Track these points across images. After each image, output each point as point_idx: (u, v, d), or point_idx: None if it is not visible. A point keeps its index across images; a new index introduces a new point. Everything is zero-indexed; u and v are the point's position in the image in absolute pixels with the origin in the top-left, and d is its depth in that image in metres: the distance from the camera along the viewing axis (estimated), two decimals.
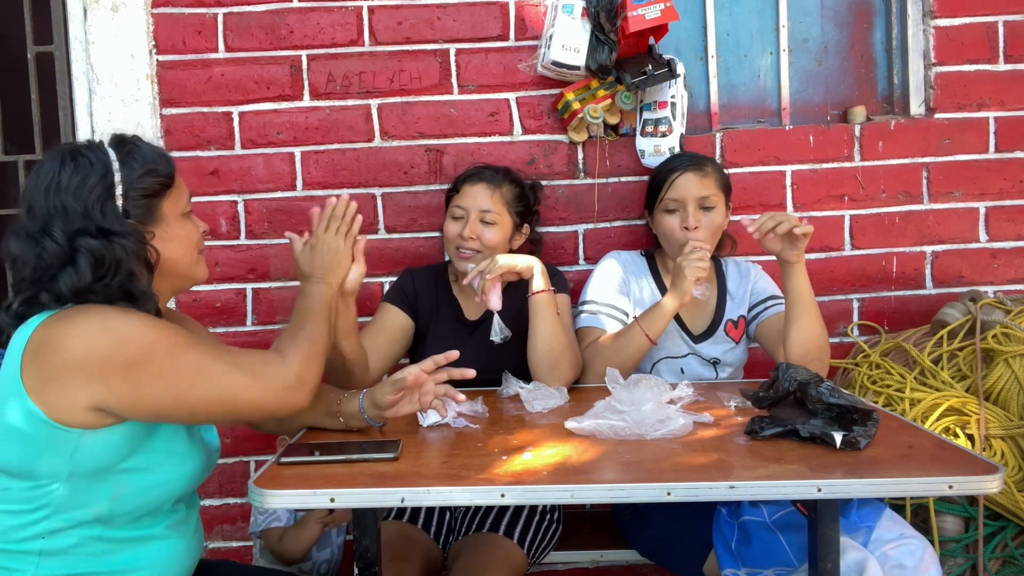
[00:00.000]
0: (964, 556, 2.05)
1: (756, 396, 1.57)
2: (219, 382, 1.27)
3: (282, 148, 2.39)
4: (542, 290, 1.90)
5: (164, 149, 1.41)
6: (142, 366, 1.20)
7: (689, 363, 2.07)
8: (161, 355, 1.22)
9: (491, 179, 2.04)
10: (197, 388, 1.25)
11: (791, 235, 1.80)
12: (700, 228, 1.98)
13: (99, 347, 1.18)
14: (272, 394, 1.32)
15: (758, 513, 1.62)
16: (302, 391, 1.36)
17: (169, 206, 1.34)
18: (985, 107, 2.42)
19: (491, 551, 1.77)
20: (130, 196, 1.28)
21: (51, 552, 1.22)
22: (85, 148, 1.29)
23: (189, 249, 1.38)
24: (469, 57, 2.39)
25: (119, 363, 1.19)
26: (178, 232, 1.36)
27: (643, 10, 2.16)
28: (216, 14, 2.36)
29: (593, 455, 1.38)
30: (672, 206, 2.01)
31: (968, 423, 2.02)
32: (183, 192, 1.39)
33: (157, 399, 1.22)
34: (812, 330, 1.85)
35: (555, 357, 1.89)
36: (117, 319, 1.21)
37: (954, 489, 1.23)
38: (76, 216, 1.24)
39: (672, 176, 2.02)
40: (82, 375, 1.18)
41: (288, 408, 1.36)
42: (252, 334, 2.41)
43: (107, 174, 1.26)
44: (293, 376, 1.34)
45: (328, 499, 1.23)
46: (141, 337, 1.21)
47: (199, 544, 1.42)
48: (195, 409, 1.28)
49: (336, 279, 1.57)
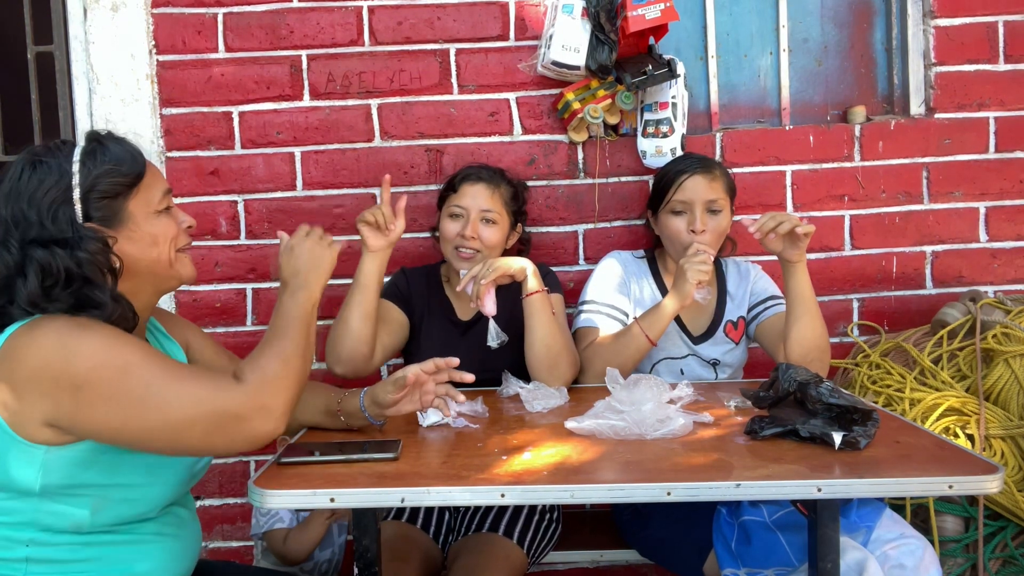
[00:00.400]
0: (964, 556, 2.05)
1: (756, 396, 1.57)
2: (165, 412, 1.17)
3: (282, 148, 2.39)
4: (536, 291, 1.91)
5: (135, 146, 1.33)
6: (90, 386, 1.14)
7: (689, 364, 2.07)
8: (109, 376, 1.15)
9: (489, 179, 2.04)
10: (142, 415, 1.16)
11: (792, 235, 1.80)
12: (707, 232, 1.98)
13: (51, 362, 1.14)
14: (220, 431, 1.19)
15: (758, 513, 1.62)
16: (262, 421, 1.21)
17: (137, 205, 1.28)
18: (985, 107, 2.42)
19: (491, 551, 1.77)
20: (90, 199, 1.23)
21: (38, 559, 1.21)
22: (49, 152, 1.25)
23: (164, 248, 1.31)
24: (469, 57, 2.39)
25: (67, 381, 1.14)
26: (149, 231, 1.29)
27: (643, 10, 2.16)
28: (216, 14, 2.36)
29: (593, 455, 1.38)
30: (680, 208, 2.01)
31: (968, 423, 2.02)
32: (155, 189, 1.32)
33: (102, 423, 1.16)
34: (813, 330, 1.85)
35: (553, 357, 1.89)
36: (73, 334, 1.16)
37: (954, 489, 1.23)
38: (31, 225, 1.20)
39: (681, 178, 2.01)
40: (36, 390, 1.15)
41: (243, 443, 1.22)
42: (252, 334, 2.41)
43: (63, 177, 1.22)
44: (250, 405, 1.20)
45: (328, 499, 1.23)
46: (91, 355, 1.15)
47: (196, 544, 1.41)
48: (139, 439, 1.18)
49: (319, 281, 1.40)
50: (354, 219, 2.37)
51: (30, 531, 1.20)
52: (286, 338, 1.30)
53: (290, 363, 1.27)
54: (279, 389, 1.24)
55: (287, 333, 1.31)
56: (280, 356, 1.27)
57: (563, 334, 1.94)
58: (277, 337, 1.30)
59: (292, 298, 1.36)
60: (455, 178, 2.07)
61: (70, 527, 1.21)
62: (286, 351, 1.28)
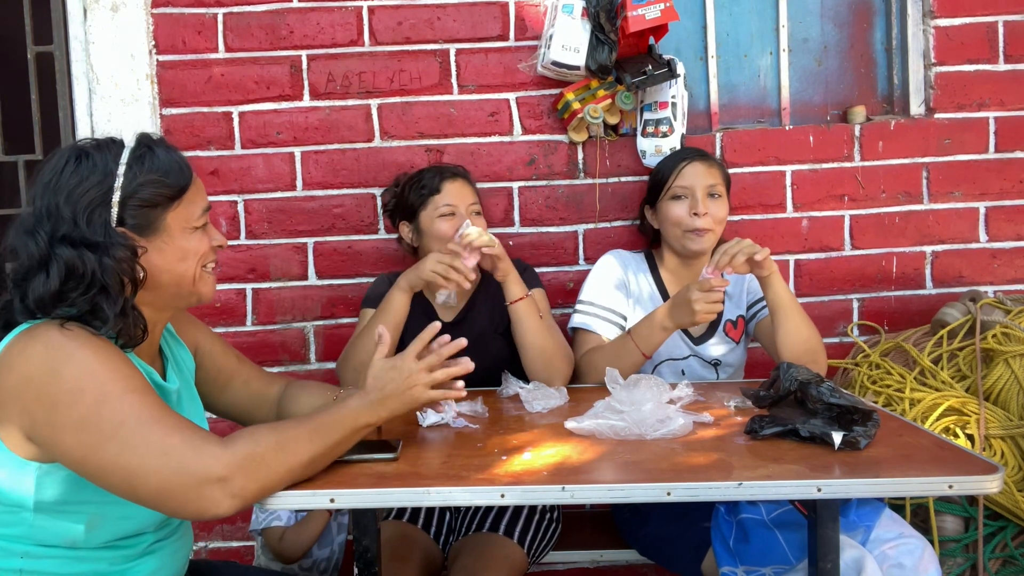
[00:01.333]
0: (964, 556, 2.05)
1: (756, 395, 1.57)
2: (130, 452, 1.10)
3: (282, 148, 2.39)
4: (520, 297, 1.92)
5: (184, 158, 1.29)
6: (64, 408, 1.10)
7: (690, 365, 2.07)
8: (84, 403, 1.10)
9: (464, 175, 2.08)
10: (106, 451, 1.10)
11: (752, 260, 1.80)
12: (708, 215, 1.99)
13: (35, 376, 1.11)
14: (174, 491, 1.10)
15: (756, 511, 1.62)
16: (220, 493, 1.11)
17: (175, 218, 1.25)
18: (985, 107, 2.42)
19: (491, 551, 1.77)
20: (128, 204, 1.20)
21: (32, 571, 1.19)
22: (96, 147, 1.23)
23: (191, 264, 1.28)
24: (469, 57, 2.39)
25: (47, 398, 1.11)
26: (182, 245, 1.27)
27: (643, 10, 2.16)
28: (216, 14, 2.36)
29: (593, 455, 1.38)
30: (680, 192, 2.02)
31: (968, 423, 2.02)
32: (197, 205, 1.29)
33: (67, 448, 1.11)
34: (799, 333, 1.85)
35: (547, 359, 1.91)
36: (64, 350, 1.12)
37: (954, 489, 1.23)
38: (64, 221, 1.17)
39: (680, 165, 2.04)
40: (19, 402, 1.12)
41: (193, 512, 1.12)
42: (252, 334, 2.41)
43: (106, 178, 1.20)
44: (219, 470, 1.11)
45: (328, 499, 1.23)
46: (73, 378, 1.11)
47: (189, 542, 1.40)
48: (95, 474, 1.12)
49: (392, 412, 1.30)
50: (354, 219, 2.39)
51: (24, 544, 1.19)
52: (316, 441, 1.22)
53: (289, 463, 1.18)
54: (258, 476, 1.14)
55: (318, 434, 1.22)
56: (289, 450, 1.18)
57: (553, 334, 1.94)
58: (308, 432, 1.22)
59: (357, 406, 1.28)
60: (430, 179, 2.04)
61: (64, 543, 1.19)
62: (299, 451, 1.19)
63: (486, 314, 2.05)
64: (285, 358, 2.42)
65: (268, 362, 2.40)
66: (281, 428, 1.21)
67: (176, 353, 1.46)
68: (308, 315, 2.41)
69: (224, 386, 1.56)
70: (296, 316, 2.41)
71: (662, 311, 1.89)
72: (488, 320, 2.04)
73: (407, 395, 1.31)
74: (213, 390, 1.55)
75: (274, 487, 1.18)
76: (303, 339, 2.42)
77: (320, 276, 2.41)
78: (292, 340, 2.42)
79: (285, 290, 2.41)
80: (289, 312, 2.41)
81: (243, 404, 1.58)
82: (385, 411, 1.30)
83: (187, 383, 1.45)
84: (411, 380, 1.31)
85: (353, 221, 2.40)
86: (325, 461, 1.25)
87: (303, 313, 2.41)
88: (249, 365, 1.61)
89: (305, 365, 2.42)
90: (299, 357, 2.42)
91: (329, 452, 1.25)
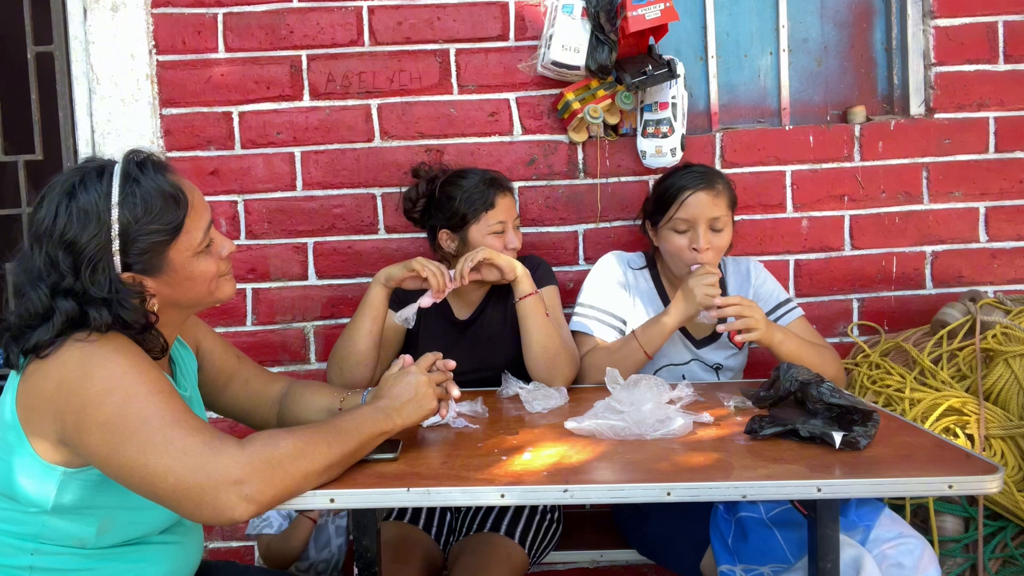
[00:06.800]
0: (964, 556, 2.05)
1: (756, 395, 1.57)
2: (151, 450, 1.11)
3: (282, 148, 2.39)
4: (529, 294, 1.92)
5: (176, 182, 1.24)
6: (92, 409, 1.12)
7: (692, 369, 2.07)
8: (112, 403, 1.12)
9: (511, 188, 2.07)
10: (128, 449, 1.11)
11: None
12: (710, 250, 1.95)
13: (69, 379, 1.13)
14: (191, 492, 1.10)
15: (755, 510, 1.62)
16: (238, 498, 1.11)
17: (177, 253, 1.24)
18: (985, 107, 2.42)
19: (492, 551, 1.77)
20: (129, 251, 1.19)
21: (42, 568, 1.21)
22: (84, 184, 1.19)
23: (204, 285, 1.29)
24: (469, 57, 2.39)
25: (77, 400, 1.12)
26: (189, 274, 1.26)
27: (643, 10, 2.16)
28: (216, 14, 2.36)
29: (593, 455, 1.38)
30: (682, 227, 1.96)
31: (968, 423, 2.02)
32: (198, 230, 1.26)
33: (94, 448, 1.13)
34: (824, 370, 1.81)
35: (551, 358, 1.90)
36: (98, 354, 1.15)
37: (954, 489, 1.23)
38: (65, 275, 1.16)
39: (684, 194, 1.95)
40: (52, 407, 1.14)
41: (212, 511, 1.11)
42: (252, 334, 2.41)
43: (101, 229, 1.17)
44: (236, 472, 1.11)
45: (328, 499, 1.23)
46: (105, 379, 1.13)
47: (199, 546, 1.41)
48: (118, 473, 1.13)
49: (407, 420, 1.35)
50: (354, 219, 2.39)
51: (35, 542, 1.21)
52: (333, 443, 1.22)
53: (307, 468, 1.18)
54: (274, 480, 1.14)
55: (337, 440, 1.23)
56: (305, 454, 1.18)
57: (560, 333, 1.94)
58: (326, 435, 1.23)
59: (373, 414, 1.31)
60: (486, 193, 1.99)
61: (73, 543, 1.21)
62: (317, 456, 1.20)
63: (500, 313, 2.05)
64: (285, 358, 2.42)
65: (268, 362, 2.40)
66: (300, 433, 1.21)
67: (183, 358, 1.46)
68: (308, 315, 2.41)
69: (224, 385, 1.57)
70: (296, 316, 2.41)
71: (667, 309, 1.91)
72: (502, 319, 2.04)
73: (421, 406, 1.38)
74: (213, 389, 1.56)
75: (290, 493, 1.18)
76: (303, 339, 2.42)
77: (320, 276, 2.41)
78: (292, 340, 2.42)
79: (285, 290, 2.41)
80: (289, 312, 2.41)
81: (243, 403, 1.59)
82: (400, 419, 1.35)
83: (193, 387, 1.47)
84: (427, 393, 1.39)
85: (353, 221, 2.40)
86: (340, 468, 1.26)
87: (303, 313, 2.41)
88: (249, 364, 1.62)
89: (305, 365, 2.42)
90: (299, 357, 2.42)
91: (345, 459, 1.26)
